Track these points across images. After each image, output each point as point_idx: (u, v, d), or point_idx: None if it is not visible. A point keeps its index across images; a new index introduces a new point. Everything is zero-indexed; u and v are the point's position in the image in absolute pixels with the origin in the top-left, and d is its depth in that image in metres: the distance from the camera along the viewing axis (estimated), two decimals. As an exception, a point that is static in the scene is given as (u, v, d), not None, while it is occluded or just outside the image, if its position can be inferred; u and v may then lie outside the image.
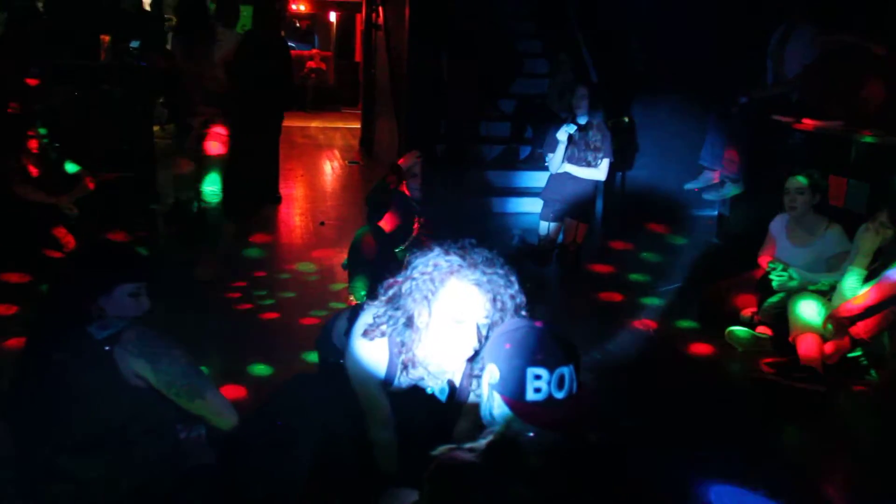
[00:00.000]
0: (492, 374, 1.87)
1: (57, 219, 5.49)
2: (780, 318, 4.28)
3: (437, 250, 2.32)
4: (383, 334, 2.37)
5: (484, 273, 2.24)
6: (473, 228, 6.79)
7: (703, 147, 6.63)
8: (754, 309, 4.64)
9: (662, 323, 4.89)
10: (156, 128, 9.48)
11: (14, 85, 6.30)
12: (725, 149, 6.40)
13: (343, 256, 4.85)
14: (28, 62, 6.55)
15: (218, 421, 2.39)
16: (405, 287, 2.32)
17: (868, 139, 5.45)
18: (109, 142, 6.84)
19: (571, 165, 5.75)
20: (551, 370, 1.80)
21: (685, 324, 4.88)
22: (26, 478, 2.33)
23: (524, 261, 5.91)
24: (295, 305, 4.89)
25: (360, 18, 15.98)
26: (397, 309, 2.32)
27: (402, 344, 2.35)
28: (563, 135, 5.66)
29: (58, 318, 2.29)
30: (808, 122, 5.81)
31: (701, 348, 4.51)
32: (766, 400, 3.91)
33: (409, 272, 2.34)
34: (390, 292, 2.38)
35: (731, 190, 6.41)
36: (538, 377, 1.80)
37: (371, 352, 2.42)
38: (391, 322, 2.34)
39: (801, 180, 4.55)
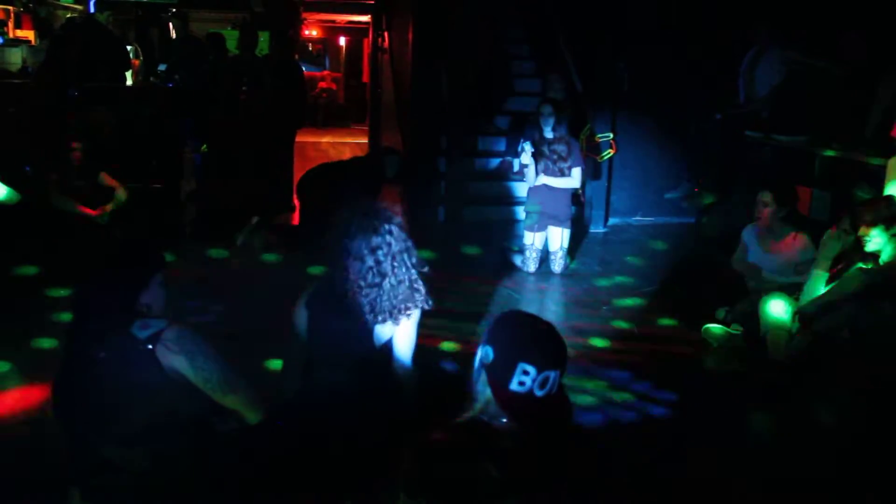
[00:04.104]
0: (486, 354, 1.85)
1: (92, 228, 5.55)
2: (751, 316, 4.35)
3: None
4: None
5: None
6: (472, 234, 6.93)
7: (684, 160, 6.71)
8: (728, 307, 4.70)
9: (644, 320, 4.95)
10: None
11: (55, 105, 6.38)
12: (701, 162, 6.48)
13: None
14: (66, 85, 6.63)
15: (248, 414, 2.38)
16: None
17: (830, 153, 5.53)
18: (140, 156, 6.91)
19: (547, 177, 5.81)
20: (539, 370, 1.79)
21: (665, 321, 4.94)
22: (76, 468, 2.34)
23: (513, 266, 5.99)
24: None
25: (367, 43, 16.03)
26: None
27: None
28: (526, 157, 5.73)
29: (103, 319, 2.25)
30: (776, 138, 5.89)
31: (679, 343, 4.57)
32: (738, 391, 3.97)
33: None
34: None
35: (707, 199, 6.48)
36: (526, 372, 1.78)
37: None
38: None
39: (766, 195, 4.60)
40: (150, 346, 2.21)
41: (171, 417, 2.27)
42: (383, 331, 2.75)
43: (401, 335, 2.77)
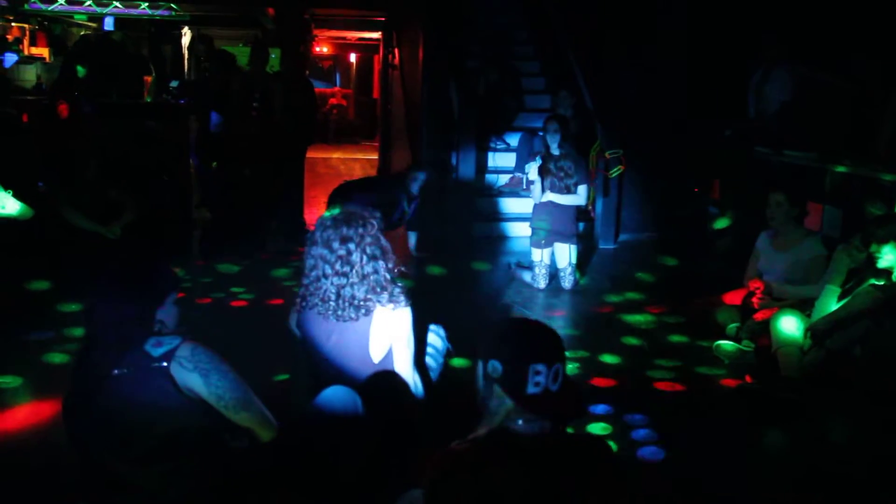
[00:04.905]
0: (494, 369, 1.88)
1: (103, 243, 5.57)
2: (763, 332, 4.31)
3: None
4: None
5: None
6: (481, 249, 6.93)
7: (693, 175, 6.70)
8: (739, 323, 4.67)
9: (654, 336, 4.91)
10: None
11: (69, 120, 6.43)
12: (711, 179, 6.47)
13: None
14: (80, 100, 6.68)
15: (260, 431, 2.37)
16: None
17: (841, 169, 5.51)
18: (151, 170, 6.94)
19: (553, 194, 5.81)
20: (549, 366, 1.86)
21: (676, 338, 4.91)
22: (87, 486, 2.33)
23: (521, 283, 5.97)
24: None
25: (377, 59, 16.14)
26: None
27: None
28: (533, 174, 5.74)
29: (117, 336, 2.23)
30: (786, 153, 5.88)
31: (690, 360, 4.53)
32: (750, 408, 3.93)
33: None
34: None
35: (720, 223, 6.48)
36: (538, 372, 1.85)
37: None
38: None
39: (780, 195, 4.64)
40: (165, 364, 2.21)
41: (184, 435, 2.26)
42: (378, 337, 2.74)
43: (398, 343, 2.76)
